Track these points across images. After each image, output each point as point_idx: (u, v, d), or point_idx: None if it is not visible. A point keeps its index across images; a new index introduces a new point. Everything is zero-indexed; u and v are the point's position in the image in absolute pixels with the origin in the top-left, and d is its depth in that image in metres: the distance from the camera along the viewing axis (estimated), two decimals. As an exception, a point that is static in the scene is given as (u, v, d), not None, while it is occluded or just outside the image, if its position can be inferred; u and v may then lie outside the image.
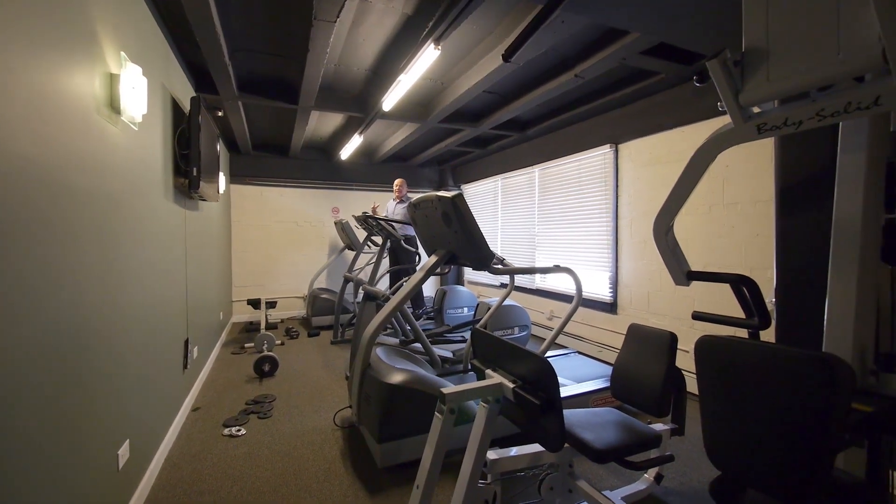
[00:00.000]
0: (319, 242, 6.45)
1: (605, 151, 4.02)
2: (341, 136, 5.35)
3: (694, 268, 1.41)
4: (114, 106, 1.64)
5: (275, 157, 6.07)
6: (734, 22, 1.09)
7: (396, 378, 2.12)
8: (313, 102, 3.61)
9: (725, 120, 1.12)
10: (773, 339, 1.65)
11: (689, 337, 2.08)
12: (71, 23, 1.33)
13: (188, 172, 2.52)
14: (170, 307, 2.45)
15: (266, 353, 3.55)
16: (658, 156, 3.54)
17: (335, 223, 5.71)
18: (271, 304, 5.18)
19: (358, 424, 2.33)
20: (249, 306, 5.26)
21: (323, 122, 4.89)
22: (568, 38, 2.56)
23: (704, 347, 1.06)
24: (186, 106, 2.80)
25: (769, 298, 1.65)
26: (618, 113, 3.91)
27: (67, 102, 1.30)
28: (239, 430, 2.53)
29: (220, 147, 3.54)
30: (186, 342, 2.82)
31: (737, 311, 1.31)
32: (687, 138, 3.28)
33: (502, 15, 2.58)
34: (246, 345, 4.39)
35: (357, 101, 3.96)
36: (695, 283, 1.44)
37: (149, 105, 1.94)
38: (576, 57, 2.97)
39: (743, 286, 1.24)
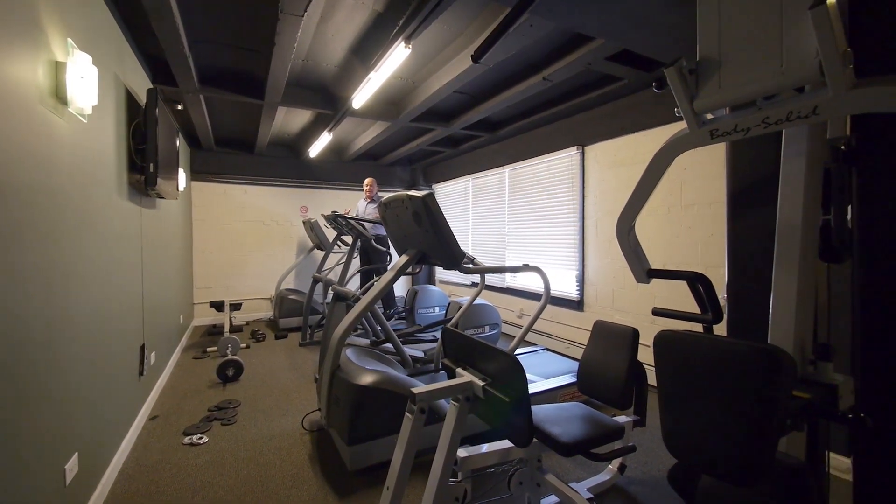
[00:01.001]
0: (287, 242, 6.28)
1: (572, 153, 4.14)
2: (310, 133, 5.23)
3: (654, 266, 1.47)
4: (59, 96, 1.53)
5: (240, 153, 5.84)
6: (691, 32, 1.15)
7: (366, 379, 2.09)
8: (280, 98, 3.50)
9: (683, 125, 1.18)
10: (724, 333, 1.75)
11: (651, 332, 2.16)
12: (8, 5, 1.23)
13: (144, 168, 2.39)
14: (124, 311, 2.31)
15: (230, 356, 3.42)
16: (622, 158, 3.67)
17: (304, 222, 5.57)
18: (236, 307, 4.98)
19: (327, 427, 2.29)
20: (212, 309, 5.04)
21: (290, 119, 4.76)
22: (536, 42, 2.61)
23: (662, 342, 1.10)
24: (143, 98, 2.66)
25: (721, 294, 1.75)
26: (584, 116, 4.03)
27: (5, 91, 1.20)
28: (200, 438, 2.42)
29: (179, 142, 3.37)
30: (143, 347, 2.67)
31: (694, 307, 1.38)
32: (648, 141, 3.42)
33: (472, 16, 2.60)
34: (208, 349, 4.21)
35: (326, 98, 3.88)
36: (655, 281, 1.50)
37: (100, 96, 1.82)
38: (544, 60, 3.04)
39: (698, 283, 1.31)
